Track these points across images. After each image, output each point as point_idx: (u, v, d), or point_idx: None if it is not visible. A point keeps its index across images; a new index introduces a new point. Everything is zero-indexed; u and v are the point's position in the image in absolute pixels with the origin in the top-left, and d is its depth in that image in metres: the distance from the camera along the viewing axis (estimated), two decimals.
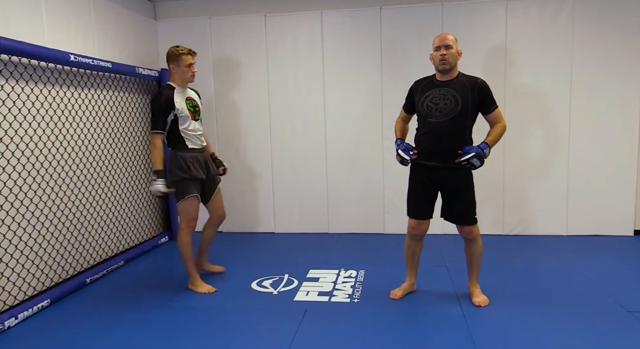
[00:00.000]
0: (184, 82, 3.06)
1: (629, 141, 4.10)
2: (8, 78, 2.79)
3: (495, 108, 2.69)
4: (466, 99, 2.63)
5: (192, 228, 3.07)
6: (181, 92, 3.04)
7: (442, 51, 2.64)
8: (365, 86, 4.36)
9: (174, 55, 3.00)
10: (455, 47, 2.67)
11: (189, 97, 3.08)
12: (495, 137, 2.68)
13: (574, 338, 2.40)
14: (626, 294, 2.91)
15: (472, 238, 2.76)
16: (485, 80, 2.70)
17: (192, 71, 3.03)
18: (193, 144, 3.04)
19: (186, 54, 3.00)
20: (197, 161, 3.05)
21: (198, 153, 3.07)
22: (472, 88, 2.64)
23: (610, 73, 4.05)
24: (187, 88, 3.11)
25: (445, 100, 2.65)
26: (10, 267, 2.79)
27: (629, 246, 3.94)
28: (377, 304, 2.88)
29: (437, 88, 2.71)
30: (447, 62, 2.64)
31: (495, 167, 4.26)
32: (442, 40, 2.66)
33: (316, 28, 4.37)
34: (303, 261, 3.73)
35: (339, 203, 4.56)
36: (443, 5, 4.16)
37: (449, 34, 2.72)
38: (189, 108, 3.04)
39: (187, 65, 3.00)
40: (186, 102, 3.03)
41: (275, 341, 2.44)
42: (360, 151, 4.45)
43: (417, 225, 2.82)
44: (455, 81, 2.69)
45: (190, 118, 3.03)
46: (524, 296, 2.93)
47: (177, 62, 3.00)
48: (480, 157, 2.58)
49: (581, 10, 4.03)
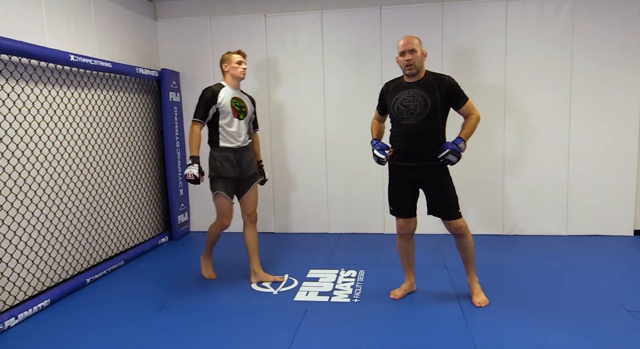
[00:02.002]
0: (234, 80, 3.20)
1: (629, 141, 4.10)
2: (8, 78, 2.79)
3: (465, 101, 2.73)
4: (435, 99, 2.68)
5: (223, 226, 3.22)
6: (229, 90, 3.17)
7: (407, 56, 2.68)
8: (366, 86, 4.35)
9: (225, 56, 3.22)
10: (419, 50, 2.70)
11: (236, 97, 3.19)
12: (469, 130, 2.72)
13: (574, 338, 2.40)
14: (626, 294, 2.91)
15: (460, 233, 2.78)
16: (451, 76, 2.74)
17: (242, 68, 3.19)
18: (227, 142, 3.12)
19: (236, 53, 3.21)
20: (227, 160, 3.11)
21: (231, 152, 3.13)
22: (440, 87, 2.69)
23: (610, 73, 4.05)
24: (238, 90, 3.25)
25: (415, 101, 2.70)
26: (10, 267, 2.79)
27: (629, 246, 3.94)
28: (377, 304, 2.88)
29: (405, 90, 2.75)
30: (413, 66, 2.69)
31: (495, 167, 4.26)
32: (405, 44, 2.69)
33: (316, 28, 4.37)
34: (303, 261, 3.73)
35: (339, 203, 4.56)
36: (443, 5, 4.16)
37: (413, 37, 2.73)
38: (234, 106, 3.14)
39: (237, 62, 3.17)
40: (232, 100, 3.14)
41: (275, 341, 2.44)
42: (360, 151, 4.44)
43: (404, 223, 2.86)
44: (422, 82, 2.73)
45: (233, 116, 3.12)
46: (523, 296, 2.92)
47: (228, 61, 3.18)
48: (455, 153, 2.62)
49: (581, 10, 4.03)
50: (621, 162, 4.13)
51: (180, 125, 4.55)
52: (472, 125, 2.72)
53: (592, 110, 4.11)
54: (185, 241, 4.50)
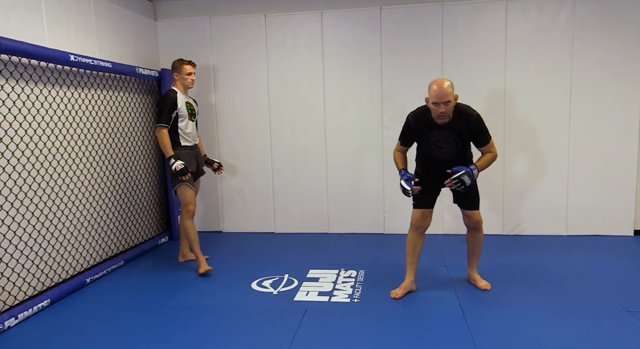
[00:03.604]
0: (184, 88, 3.59)
1: (629, 141, 4.10)
2: (8, 78, 2.79)
3: (487, 141, 2.82)
4: (464, 138, 2.79)
5: (191, 212, 3.52)
6: (182, 96, 3.55)
7: (442, 108, 2.66)
8: (365, 86, 4.36)
9: (177, 64, 3.55)
10: (452, 99, 2.67)
11: (188, 102, 3.59)
12: (484, 163, 2.82)
13: (574, 337, 2.40)
14: (626, 294, 2.91)
15: (477, 227, 2.98)
16: (479, 114, 2.77)
17: (191, 79, 3.58)
18: (186, 142, 3.55)
19: (187, 64, 3.55)
20: (189, 156, 3.53)
21: (191, 149, 3.59)
22: (467, 126, 2.75)
23: (610, 73, 4.05)
24: (186, 94, 3.63)
25: (447, 143, 2.81)
26: (10, 267, 2.79)
27: (629, 246, 3.94)
28: (377, 304, 2.88)
29: (437, 131, 2.80)
30: (446, 116, 2.71)
31: (495, 167, 4.24)
32: (441, 96, 2.62)
33: (316, 28, 4.37)
34: (303, 261, 3.73)
35: (339, 203, 4.56)
36: (443, 5, 4.16)
37: (446, 83, 2.64)
38: (188, 110, 3.55)
39: (187, 73, 3.54)
40: (186, 104, 3.54)
41: (275, 341, 2.44)
42: (360, 151, 4.45)
43: (421, 216, 2.92)
44: (452, 123, 2.76)
45: (188, 118, 3.54)
46: (523, 296, 2.92)
47: (179, 71, 3.54)
48: (470, 176, 2.71)
49: (581, 9, 4.03)
50: (621, 162, 4.13)
51: None
52: (488, 160, 2.83)
53: (592, 110, 4.11)
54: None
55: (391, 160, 4.34)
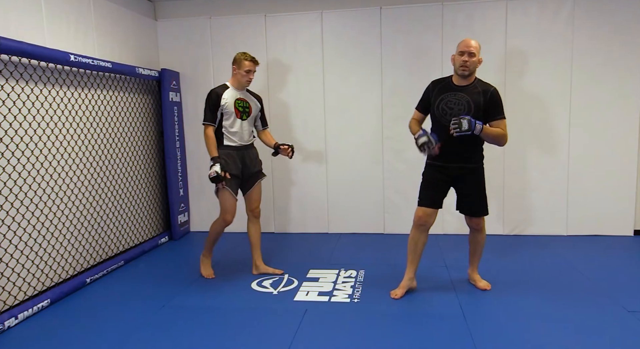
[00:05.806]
0: (239, 85, 3.27)
1: (629, 141, 4.10)
2: (8, 78, 2.79)
3: (500, 117, 2.78)
4: (478, 105, 2.75)
5: (225, 222, 3.26)
6: (233, 92, 3.24)
7: (465, 57, 2.73)
8: (366, 86, 4.36)
9: (239, 58, 3.23)
10: (477, 55, 2.77)
11: (240, 98, 3.27)
12: (492, 131, 2.75)
13: (574, 338, 2.40)
14: (626, 294, 2.91)
15: (479, 228, 2.99)
16: (498, 90, 2.80)
17: (248, 77, 3.25)
18: (230, 141, 3.23)
19: (248, 60, 3.22)
20: (231, 157, 3.20)
21: (234, 150, 3.23)
22: (485, 94, 2.76)
23: (610, 73, 4.05)
24: (242, 91, 3.31)
25: (459, 105, 2.77)
26: (10, 267, 2.79)
27: (629, 246, 3.94)
28: (377, 304, 2.88)
29: (453, 92, 2.81)
30: (468, 68, 2.75)
31: (495, 167, 4.26)
32: (467, 46, 2.74)
33: (316, 28, 4.37)
34: (303, 261, 3.73)
35: (339, 203, 4.56)
36: (443, 5, 4.16)
37: (475, 41, 2.78)
38: (237, 107, 3.22)
39: (246, 70, 3.22)
40: (235, 101, 3.22)
41: (275, 341, 2.44)
42: (360, 151, 4.45)
43: (424, 214, 2.89)
44: (470, 87, 2.80)
45: (236, 117, 3.21)
46: (523, 297, 2.92)
47: (238, 65, 3.22)
48: (470, 124, 2.60)
49: (581, 9, 4.03)
50: (621, 162, 4.13)
51: (180, 125, 4.55)
52: (497, 133, 2.76)
53: (592, 110, 4.11)
54: (185, 241, 4.50)
55: (391, 160, 4.39)
